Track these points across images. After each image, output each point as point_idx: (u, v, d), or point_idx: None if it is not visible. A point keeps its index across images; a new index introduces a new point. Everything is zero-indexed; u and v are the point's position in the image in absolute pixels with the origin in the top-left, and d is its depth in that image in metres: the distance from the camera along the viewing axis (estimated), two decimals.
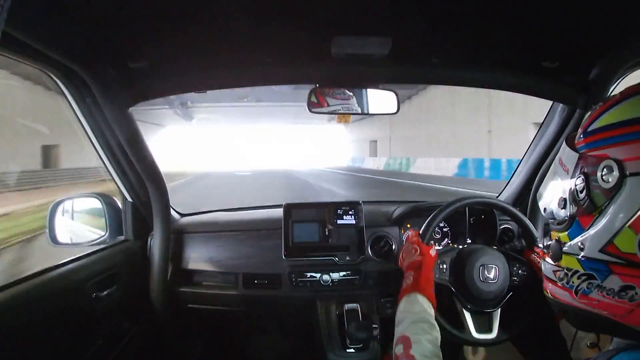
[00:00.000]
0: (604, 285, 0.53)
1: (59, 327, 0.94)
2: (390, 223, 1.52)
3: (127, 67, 1.00)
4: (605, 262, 0.52)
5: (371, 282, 1.44)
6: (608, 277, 0.52)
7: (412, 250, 1.08)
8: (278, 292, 1.41)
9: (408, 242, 1.15)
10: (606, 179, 0.52)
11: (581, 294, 0.56)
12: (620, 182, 0.51)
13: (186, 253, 1.47)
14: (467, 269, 1.11)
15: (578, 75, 1.14)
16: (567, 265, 0.59)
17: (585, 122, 0.60)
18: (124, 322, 1.26)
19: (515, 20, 0.88)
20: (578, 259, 0.56)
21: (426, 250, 1.06)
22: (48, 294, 0.94)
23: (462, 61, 1.13)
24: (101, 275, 1.15)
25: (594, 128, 0.58)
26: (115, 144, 1.19)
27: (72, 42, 0.83)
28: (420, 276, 0.98)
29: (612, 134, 0.54)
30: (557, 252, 0.60)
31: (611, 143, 0.54)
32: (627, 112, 0.54)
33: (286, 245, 1.39)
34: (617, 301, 0.52)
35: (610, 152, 0.53)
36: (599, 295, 0.54)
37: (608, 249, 0.52)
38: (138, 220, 1.38)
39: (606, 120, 0.56)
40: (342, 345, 1.28)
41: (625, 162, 0.51)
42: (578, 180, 0.57)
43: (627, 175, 0.50)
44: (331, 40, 0.95)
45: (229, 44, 0.99)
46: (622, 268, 0.51)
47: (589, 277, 0.55)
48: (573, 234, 0.58)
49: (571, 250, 0.58)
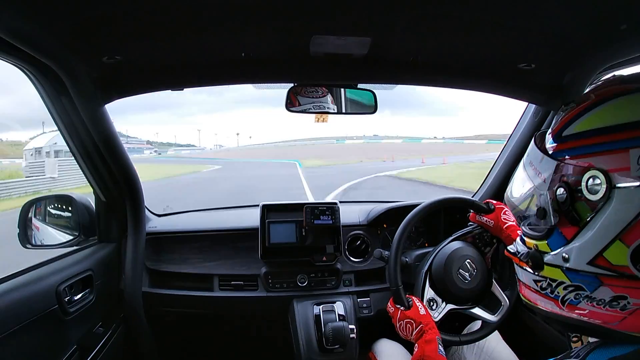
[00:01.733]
0: (594, 296, 0.51)
1: (30, 332, 0.92)
2: (367, 223, 1.53)
3: (101, 62, 0.97)
4: (595, 274, 0.50)
5: (347, 282, 1.45)
6: (598, 288, 0.50)
7: (408, 327, 1.04)
8: (254, 294, 1.40)
9: (398, 319, 1.08)
10: (592, 190, 0.50)
11: (568, 304, 0.54)
12: (608, 194, 0.48)
13: (161, 254, 1.45)
14: (446, 271, 1.15)
15: (553, 78, 1.15)
16: (550, 276, 0.56)
17: (558, 125, 0.57)
18: (98, 325, 1.23)
19: (492, 22, 0.88)
20: (563, 270, 0.54)
21: (423, 321, 1.02)
22: (18, 298, 0.91)
23: (440, 63, 1.14)
24: (74, 278, 1.12)
25: (571, 133, 0.54)
26: (89, 141, 1.16)
27: (46, 37, 0.81)
28: (424, 345, 0.97)
29: (593, 141, 0.51)
30: (538, 262, 0.58)
31: (594, 151, 0.51)
32: (608, 118, 0.51)
33: (263, 246, 1.39)
34: (608, 310, 0.50)
35: (595, 162, 0.50)
36: (588, 306, 0.52)
37: (598, 262, 0.50)
38: (112, 221, 1.35)
39: (585, 125, 0.53)
40: (320, 346, 1.28)
41: (611, 173, 0.48)
42: (559, 190, 0.53)
43: (615, 187, 0.48)
44: (310, 39, 0.94)
45: (205, 39, 0.97)
46: (613, 280, 0.49)
47: (577, 288, 0.53)
48: (554, 245, 0.55)
49: (554, 262, 0.55)
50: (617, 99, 0.52)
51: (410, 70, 1.15)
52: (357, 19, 0.88)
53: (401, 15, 0.85)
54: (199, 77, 1.15)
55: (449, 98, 69.11)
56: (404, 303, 1.09)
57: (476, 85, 1.23)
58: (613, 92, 0.54)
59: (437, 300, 1.16)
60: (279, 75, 1.16)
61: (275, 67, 1.12)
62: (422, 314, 1.04)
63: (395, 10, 0.83)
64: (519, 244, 0.65)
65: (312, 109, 1.15)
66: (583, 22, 0.87)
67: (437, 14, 0.85)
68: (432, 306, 1.15)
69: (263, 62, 1.10)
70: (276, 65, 1.12)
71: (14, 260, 1.33)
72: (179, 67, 1.10)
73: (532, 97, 1.26)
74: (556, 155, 0.55)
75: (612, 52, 0.99)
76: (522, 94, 1.25)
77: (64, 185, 13.45)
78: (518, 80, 1.18)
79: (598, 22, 0.85)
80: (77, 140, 1.17)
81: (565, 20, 0.86)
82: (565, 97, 1.16)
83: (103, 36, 0.88)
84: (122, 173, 1.25)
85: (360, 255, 1.49)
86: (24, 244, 1.21)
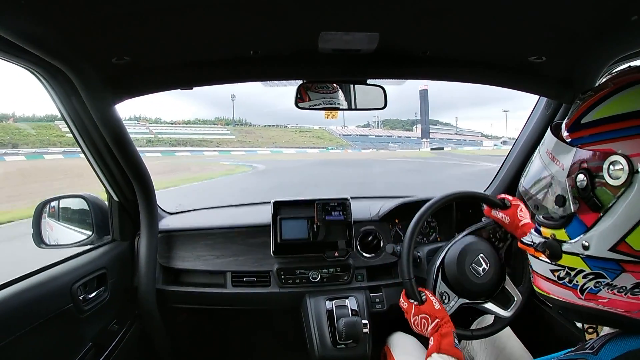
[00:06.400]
0: (615, 284, 0.51)
1: (45, 331, 0.93)
2: (378, 219, 1.53)
3: (111, 63, 0.98)
4: (616, 260, 0.50)
5: (360, 277, 1.45)
6: (620, 275, 0.50)
7: (423, 322, 1.04)
8: (267, 290, 1.41)
9: (413, 315, 1.07)
10: (614, 176, 0.49)
11: (588, 292, 0.54)
12: (630, 179, 0.48)
13: (174, 252, 1.45)
14: (459, 266, 1.15)
15: (564, 70, 1.14)
16: (569, 265, 0.56)
17: (576, 114, 0.57)
18: (112, 323, 1.25)
19: (502, 15, 0.87)
20: (582, 258, 0.53)
21: (439, 315, 1.02)
22: (33, 297, 0.92)
23: (450, 57, 1.13)
24: (88, 276, 1.13)
25: (590, 120, 0.54)
26: (100, 142, 1.18)
27: (55, 39, 0.82)
28: (440, 338, 0.97)
29: (614, 127, 0.51)
30: (556, 251, 0.57)
31: (615, 137, 0.50)
32: (628, 104, 0.51)
33: (275, 242, 1.39)
34: (630, 298, 0.50)
35: (616, 147, 0.50)
36: (609, 294, 0.52)
37: (619, 248, 0.49)
38: (125, 220, 1.36)
39: (605, 112, 0.53)
40: (332, 341, 1.29)
41: (633, 157, 0.48)
42: (579, 177, 0.53)
43: (637, 171, 0.47)
44: (318, 36, 0.94)
45: (213, 38, 0.98)
46: (636, 266, 0.49)
47: (597, 276, 0.52)
48: (573, 232, 0.55)
49: (573, 250, 0.55)
50: (636, 85, 0.52)
51: (420, 65, 1.15)
52: (365, 15, 0.87)
53: (409, 9, 0.85)
54: (208, 76, 1.15)
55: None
56: (417, 297, 1.08)
57: (486, 79, 1.22)
58: (631, 79, 0.53)
59: (449, 294, 1.16)
60: (288, 73, 1.16)
61: (283, 64, 1.12)
62: (437, 309, 1.03)
63: (403, 5, 0.83)
64: (534, 234, 0.64)
65: (322, 104, 1.15)
66: (593, 14, 0.86)
67: (445, 7, 0.84)
68: (444, 300, 1.15)
69: (272, 60, 1.10)
70: (285, 63, 1.12)
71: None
72: (188, 66, 1.10)
73: (543, 90, 1.25)
74: (575, 143, 0.55)
75: (623, 43, 0.99)
76: (533, 87, 1.24)
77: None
78: (529, 73, 1.17)
79: (608, 13, 0.85)
80: (88, 141, 1.18)
81: (575, 12, 0.85)
82: (577, 89, 1.16)
83: (112, 37, 0.89)
84: (134, 172, 1.26)
85: (372, 250, 1.49)
86: (39, 243, 1.22)
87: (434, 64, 1.14)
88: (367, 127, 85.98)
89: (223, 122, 74.55)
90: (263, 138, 68.16)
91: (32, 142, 44.02)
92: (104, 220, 1.34)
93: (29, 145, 42.78)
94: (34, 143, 43.60)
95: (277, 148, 61.11)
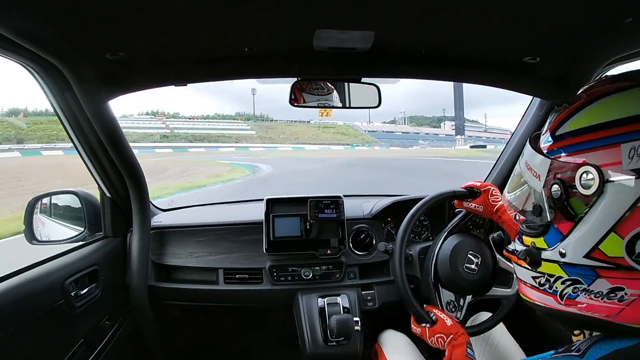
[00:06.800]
0: (592, 289, 0.52)
1: (37, 327, 0.93)
2: (371, 217, 1.54)
3: (105, 59, 0.97)
4: (591, 267, 0.52)
5: (352, 275, 1.45)
6: (595, 280, 0.52)
7: (440, 341, 1.05)
8: (259, 287, 1.41)
9: (429, 337, 1.08)
10: (586, 185, 0.51)
11: (567, 298, 0.56)
12: (601, 188, 0.50)
13: (166, 249, 1.45)
14: (453, 272, 1.16)
15: (558, 71, 1.14)
16: (548, 272, 0.58)
17: (552, 125, 0.59)
18: (104, 319, 1.24)
19: (497, 15, 0.87)
20: (560, 265, 0.55)
21: (452, 331, 1.04)
22: (24, 294, 0.92)
23: (444, 56, 1.13)
24: (80, 272, 1.13)
25: (565, 132, 0.56)
26: (93, 138, 1.17)
27: (49, 34, 0.81)
28: (452, 349, 1.01)
29: (586, 138, 0.53)
30: (536, 259, 0.59)
31: (587, 148, 0.52)
32: (599, 115, 0.53)
33: (267, 239, 1.39)
34: (606, 302, 0.51)
35: (588, 158, 0.52)
36: (586, 299, 0.53)
37: (594, 255, 0.51)
38: (117, 216, 1.36)
39: (577, 123, 0.55)
40: (324, 338, 1.29)
41: (603, 167, 0.50)
42: (554, 187, 0.55)
43: (608, 181, 0.50)
44: (313, 34, 0.94)
45: (209, 35, 0.97)
46: (610, 272, 0.50)
47: (574, 282, 0.54)
48: (551, 241, 0.57)
49: (552, 257, 0.57)
50: (607, 97, 0.54)
51: (414, 64, 1.15)
52: (360, 13, 0.87)
53: (404, 8, 0.85)
54: (202, 72, 1.15)
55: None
56: (427, 319, 1.09)
57: (480, 79, 1.22)
58: (604, 91, 0.55)
59: (455, 300, 1.17)
60: (283, 70, 1.16)
61: (278, 61, 1.12)
62: (450, 325, 1.05)
63: (398, 4, 0.83)
64: (517, 242, 0.66)
65: (317, 103, 1.16)
66: (588, 15, 0.86)
67: (440, 7, 0.84)
68: (452, 309, 1.17)
69: (267, 57, 1.10)
70: (280, 60, 1.11)
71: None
72: (183, 63, 1.10)
73: (537, 91, 1.26)
74: (550, 154, 0.57)
75: (618, 45, 0.99)
76: (526, 87, 1.24)
77: None
78: (523, 73, 1.17)
79: (603, 15, 0.85)
80: (81, 137, 1.17)
81: (570, 13, 0.86)
82: (571, 91, 1.16)
83: (106, 33, 0.88)
84: (127, 168, 1.25)
85: (365, 248, 1.50)
86: (30, 240, 1.22)
87: (429, 63, 1.14)
88: (393, 124, 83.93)
89: (243, 117, 73.79)
90: (285, 134, 67.01)
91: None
92: (96, 217, 1.33)
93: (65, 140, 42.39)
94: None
95: (298, 144, 59.55)
